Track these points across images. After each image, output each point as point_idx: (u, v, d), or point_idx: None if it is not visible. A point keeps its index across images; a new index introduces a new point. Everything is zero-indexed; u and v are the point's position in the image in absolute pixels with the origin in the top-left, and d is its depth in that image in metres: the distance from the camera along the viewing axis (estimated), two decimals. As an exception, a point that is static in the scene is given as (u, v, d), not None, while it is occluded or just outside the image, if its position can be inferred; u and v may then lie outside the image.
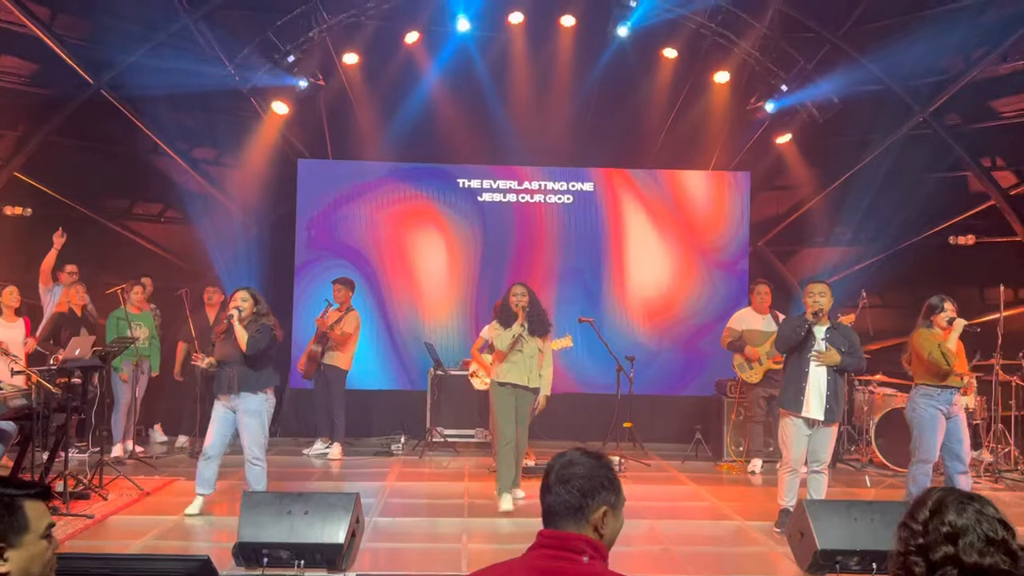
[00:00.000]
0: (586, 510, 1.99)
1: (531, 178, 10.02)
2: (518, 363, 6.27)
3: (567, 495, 2.00)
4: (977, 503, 1.87)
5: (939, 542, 1.84)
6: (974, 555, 1.80)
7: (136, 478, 6.59)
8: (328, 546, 4.30)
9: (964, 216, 9.18)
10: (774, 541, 5.44)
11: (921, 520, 1.89)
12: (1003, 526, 1.84)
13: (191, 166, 9.67)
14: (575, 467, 2.03)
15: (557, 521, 2.00)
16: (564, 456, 2.08)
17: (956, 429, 5.79)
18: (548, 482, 2.04)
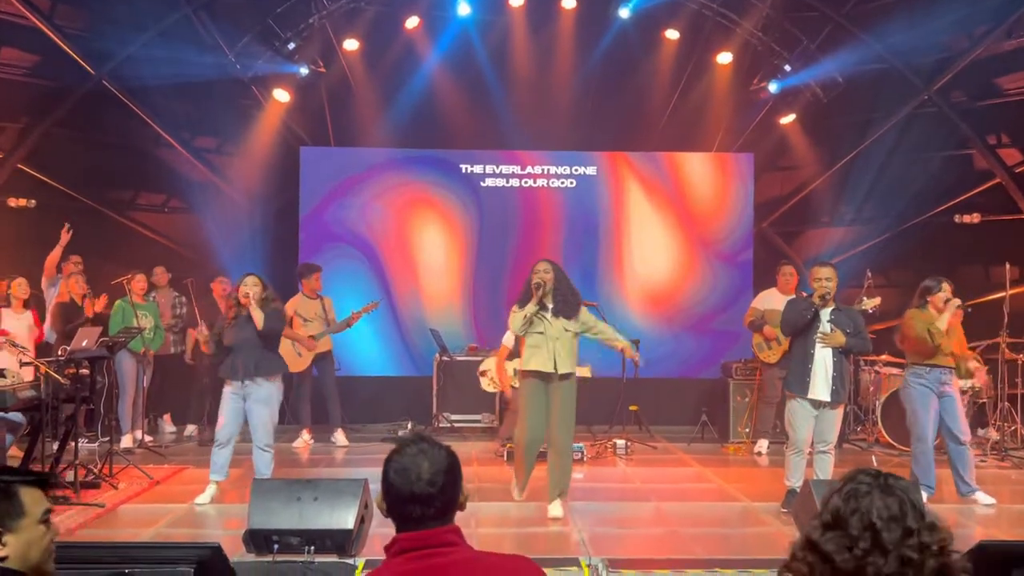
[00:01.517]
0: (450, 506, 1.93)
1: (534, 163, 10.00)
2: (540, 347, 5.56)
3: (443, 496, 1.89)
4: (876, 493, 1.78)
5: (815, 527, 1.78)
6: (830, 546, 1.71)
7: (146, 467, 6.64)
8: (338, 531, 4.33)
9: (969, 194, 9.15)
10: (780, 521, 5.46)
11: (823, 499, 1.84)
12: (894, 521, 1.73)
13: (194, 155, 9.67)
14: (429, 464, 1.89)
15: (423, 523, 1.89)
16: (404, 455, 1.91)
17: (949, 407, 5.81)
18: (408, 492, 1.87)
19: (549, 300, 5.62)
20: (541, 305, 5.58)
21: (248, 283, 5.85)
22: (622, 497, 6.28)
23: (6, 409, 5.65)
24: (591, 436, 8.40)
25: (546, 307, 5.62)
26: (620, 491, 6.51)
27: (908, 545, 1.70)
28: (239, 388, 5.75)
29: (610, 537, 5.15)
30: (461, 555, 1.90)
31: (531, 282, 5.61)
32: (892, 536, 1.70)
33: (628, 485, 6.75)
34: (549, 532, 5.20)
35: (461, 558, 1.89)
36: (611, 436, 8.16)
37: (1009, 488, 6.42)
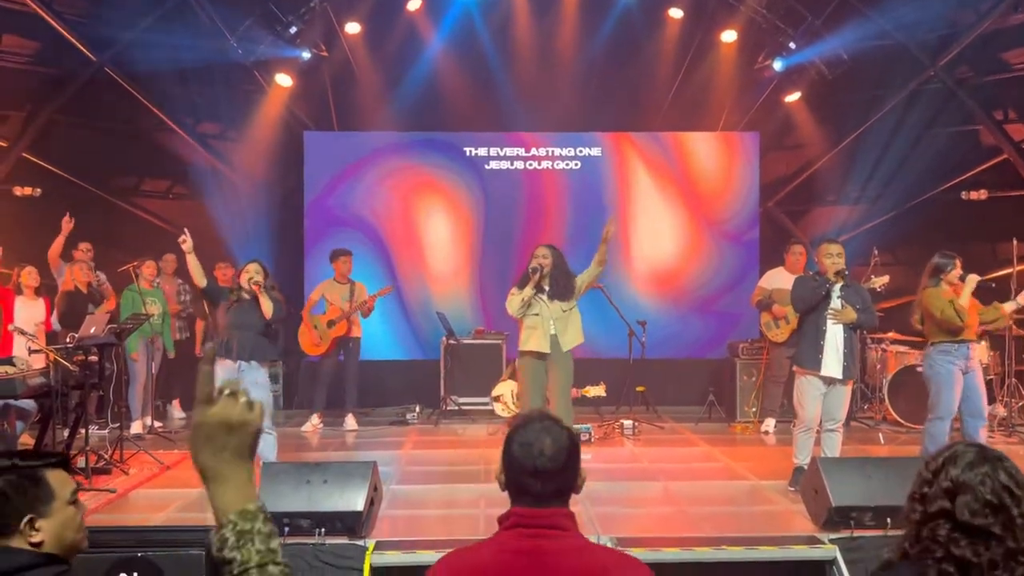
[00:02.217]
0: (570, 486, 1.94)
1: (538, 144, 9.97)
2: (536, 327, 5.99)
3: (565, 475, 1.91)
4: (989, 464, 1.85)
5: (938, 495, 1.85)
6: (966, 513, 1.80)
7: (156, 452, 6.68)
8: (348, 514, 4.36)
9: (976, 171, 9.09)
10: (788, 499, 5.48)
11: (932, 469, 1.90)
12: (1008, 492, 1.82)
13: (197, 141, 9.65)
14: (552, 441, 1.91)
15: (540, 500, 1.90)
16: (528, 430, 1.93)
17: (974, 384, 5.77)
18: (532, 466, 1.89)
19: (546, 283, 6.01)
20: (539, 288, 5.96)
21: (252, 270, 5.87)
22: (630, 477, 6.31)
23: (16, 397, 5.69)
24: (599, 417, 8.43)
25: (543, 290, 6.01)
26: (628, 471, 6.54)
27: None
28: (233, 370, 5.76)
29: (619, 516, 5.18)
30: (572, 543, 1.89)
31: (529, 265, 5.99)
32: (1018, 506, 1.80)
33: (636, 465, 6.77)
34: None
35: (572, 546, 1.88)
36: (618, 417, 8.18)
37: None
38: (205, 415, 1.24)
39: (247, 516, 1.26)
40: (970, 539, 1.79)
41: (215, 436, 1.25)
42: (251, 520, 1.26)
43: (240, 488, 1.27)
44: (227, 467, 1.26)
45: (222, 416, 1.25)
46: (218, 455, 1.26)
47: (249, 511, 1.26)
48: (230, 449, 1.26)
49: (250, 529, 1.26)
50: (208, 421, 1.25)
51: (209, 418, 1.25)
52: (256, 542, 1.25)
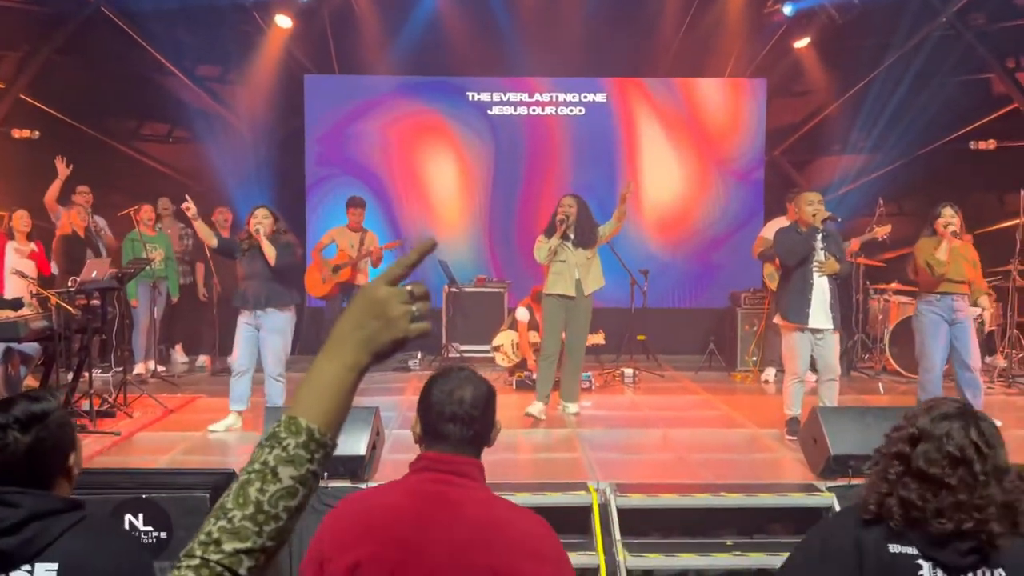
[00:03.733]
0: (484, 437, 1.97)
1: (542, 90, 9.83)
2: (562, 273, 6.27)
3: (481, 423, 1.95)
4: (962, 421, 1.88)
5: (902, 439, 1.91)
6: (920, 461, 1.85)
7: (160, 396, 6.73)
8: (350, 458, 4.41)
9: (986, 120, 8.96)
10: (786, 447, 5.53)
11: (908, 416, 1.94)
12: (976, 449, 1.84)
13: (196, 84, 9.53)
14: (472, 389, 1.96)
15: (455, 447, 1.92)
16: (450, 379, 1.98)
17: (960, 335, 5.73)
18: (451, 412, 1.93)
19: (571, 232, 6.29)
20: (564, 236, 6.25)
21: (259, 215, 5.83)
22: (630, 424, 6.36)
23: (19, 340, 5.71)
24: (599, 365, 8.47)
25: (568, 238, 6.29)
26: (628, 418, 6.58)
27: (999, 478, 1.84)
28: (251, 318, 5.78)
29: (618, 462, 5.22)
30: (477, 494, 1.89)
31: (556, 215, 6.25)
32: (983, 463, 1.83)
33: (636, 413, 6.82)
34: (558, 457, 5.28)
35: (476, 496, 1.88)
36: (619, 365, 8.22)
37: (1015, 414, 6.44)
38: (375, 287, 1.10)
39: (292, 428, 1.06)
40: (919, 484, 1.84)
41: (366, 310, 1.10)
42: (293, 434, 1.05)
43: (326, 389, 1.09)
44: (345, 349, 1.09)
45: (385, 298, 1.09)
46: (351, 331, 1.10)
47: (299, 425, 1.06)
48: (365, 332, 1.09)
49: (282, 442, 1.04)
50: (373, 294, 1.10)
51: (375, 291, 1.10)
52: (271, 463, 1.03)
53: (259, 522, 1.01)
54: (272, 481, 1.02)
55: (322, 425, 1.06)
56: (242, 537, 1.00)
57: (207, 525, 1.01)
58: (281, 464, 1.03)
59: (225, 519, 1.01)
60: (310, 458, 1.05)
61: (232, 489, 1.03)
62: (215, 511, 1.02)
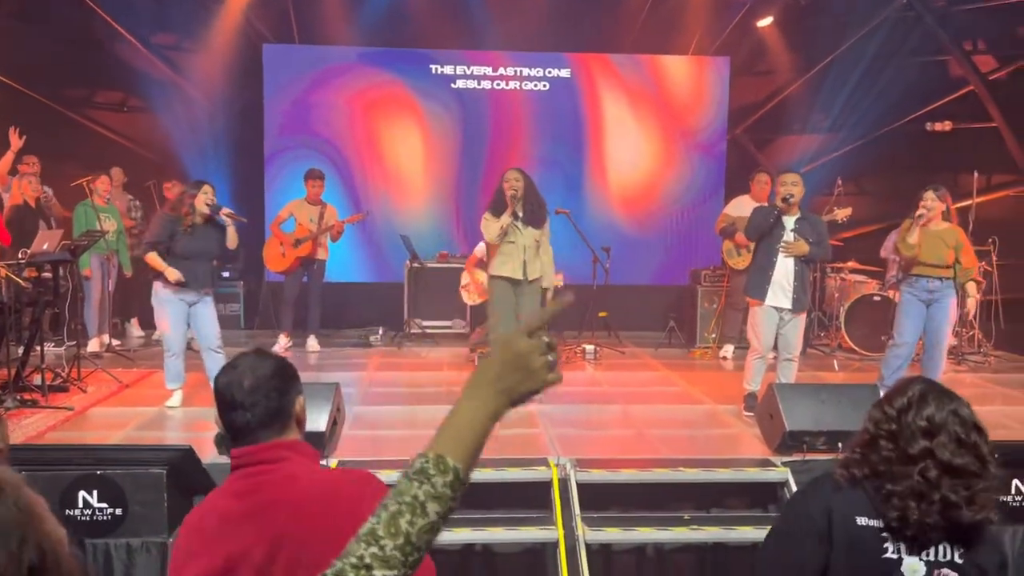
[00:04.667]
0: (288, 410, 1.89)
1: (506, 64, 9.76)
2: (511, 254, 5.94)
3: (266, 402, 1.85)
4: (955, 404, 1.93)
5: (916, 435, 1.90)
6: (946, 453, 1.87)
7: (114, 371, 6.61)
8: (310, 434, 4.33)
9: (942, 102, 9.11)
10: (743, 423, 5.61)
11: (897, 407, 1.95)
12: (976, 430, 1.89)
13: (152, 52, 9.28)
14: (251, 372, 1.87)
15: (253, 435, 1.85)
16: (235, 366, 1.89)
17: (937, 316, 5.79)
18: (231, 399, 1.85)
19: (520, 209, 5.88)
20: (513, 215, 5.84)
21: (210, 192, 5.71)
22: (590, 400, 6.40)
23: (-33, 313, 5.55)
24: (561, 341, 8.50)
25: (517, 216, 5.88)
26: (588, 394, 6.63)
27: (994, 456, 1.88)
28: (192, 296, 5.67)
29: (578, 438, 5.26)
30: (289, 471, 1.82)
31: (503, 191, 5.84)
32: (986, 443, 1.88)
33: (596, 389, 6.87)
34: (518, 433, 5.30)
35: (289, 474, 1.81)
36: (580, 341, 8.26)
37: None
38: (517, 341, 1.16)
39: (441, 466, 1.12)
40: (951, 479, 1.86)
41: (509, 363, 1.17)
42: (441, 473, 1.12)
43: (469, 432, 1.15)
44: (487, 398, 1.17)
45: (527, 351, 1.16)
46: (494, 382, 1.17)
47: (446, 464, 1.12)
48: (507, 383, 1.17)
49: (431, 479, 1.11)
50: (516, 348, 1.16)
51: (517, 345, 1.16)
52: (420, 497, 1.10)
53: (406, 552, 1.09)
54: (421, 515, 1.10)
55: (464, 466, 1.14)
56: (391, 565, 1.08)
57: (358, 548, 1.08)
58: (430, 500, 1.11)
59: (377, 546, 1.08)
60: (453, 496, 1.13)
61: (382, 518, 1.10)
62: (365, 536, 1.09)
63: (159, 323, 5.86)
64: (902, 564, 1.88)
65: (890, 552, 1.88)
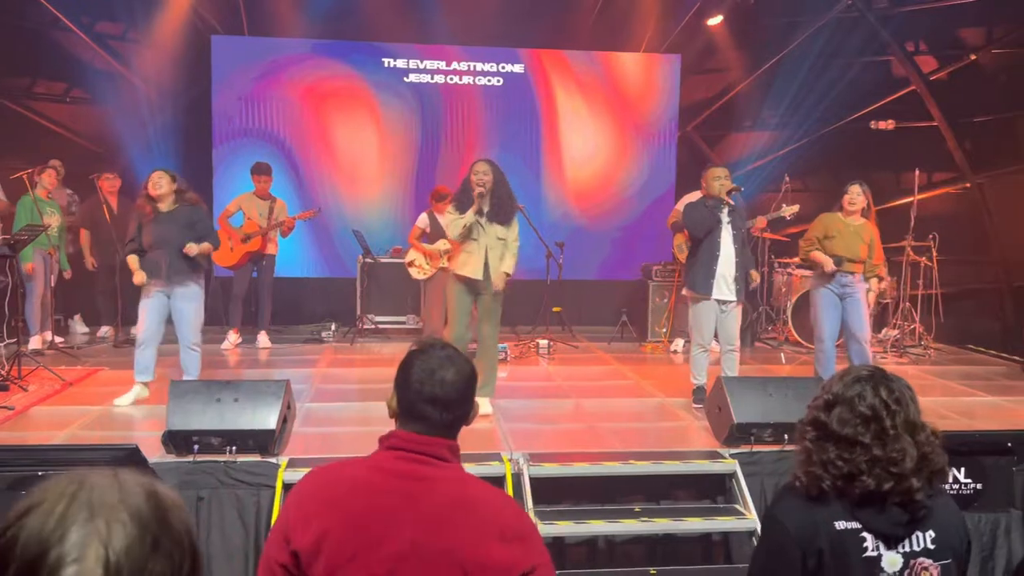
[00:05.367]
0: (462, 420, 1.91)
1: (459, 58, 9.73)
2: (473, 253, 5.48)
3: (463, 404, 1.89)
4: (872, 383, 1.98)
5: (817, 407, 2.01)
6: (835, 422, 1.95)
7: (57, 369, 6.45)
8: (260, 432, 4.33)
9: (885, 101, 9.33)
10: (693, 416, 5.70)
11: (823, 388, 2.04)
12: (886, 408, 1.95)
13: (95, 42, 9.05)
14: (455, 370, 1.87)
15: (432, 429, 1.86)
16: (432, 357, 1.87)
17: (851, 309, 5.98)
18: (431, 393, 1.85)
19: (486, 204, 5.48)
20: (478, 211, 5.45)
21: (154, 179, 5.61)
22: (544, 395, 6.44)
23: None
24: (515, 336, 8.54)
25: (482, 212, 5.47)
26: (542, 389, 6.67)
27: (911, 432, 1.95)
28: (163, 286, 5.58)
29: (531, 432, 5.29)
30: (450, 472, 1.84)
31: (470, 183, 5.45)
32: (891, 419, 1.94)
33: (550, 383, 6.91)
34: (472, 428, 5.28)
35: (449, 475, 1.84)
36: (534, 336, 8.30)
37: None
38: None
39: None
40: (836, 446, 1.94)
41: None
42: None
43: None
44: None
45: None
46: None
47: None
48: None
49: None
50: None
51: None
52: None
53: None
54: None
55: None
56: None
57: None
58: None
59: None
60: None
61: None
62: None
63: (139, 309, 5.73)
64: (882, 560, 1.94)
65: (870, 550, 1.94)
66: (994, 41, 8.87)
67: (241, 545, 4.22)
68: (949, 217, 8.91)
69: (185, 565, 0.98)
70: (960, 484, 4.47)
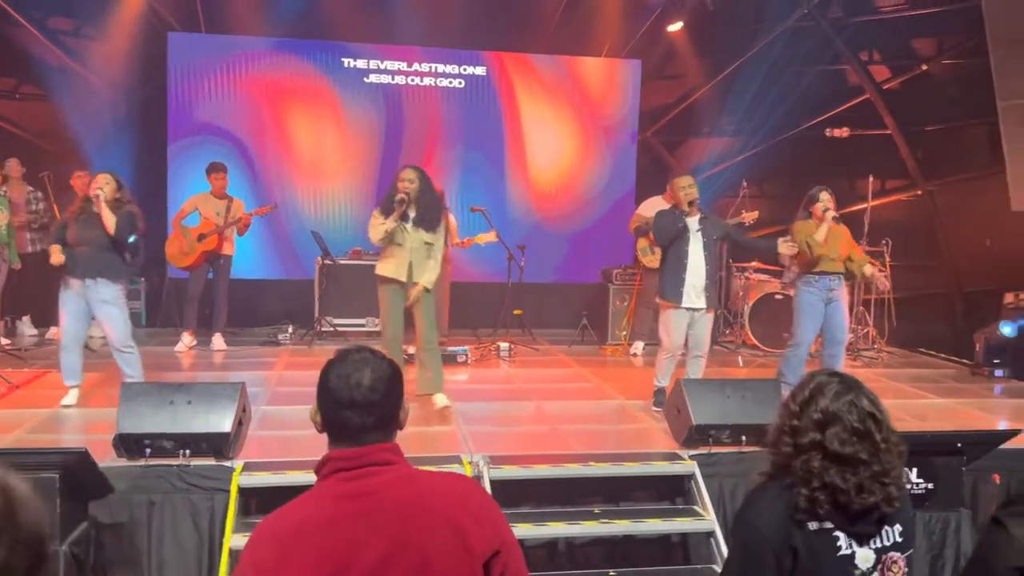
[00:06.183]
0: (392, 420, 1.85)
1: (420, 59, 9.69)
2: (396, 255, 5.68)
3: (386, 404, 1.81)
4: (853, 393, 1.99)
5: (809, 427, 1.97)
6: (835, 443, 1.94)
7: (4, 371, 6.27)
8: (214, 435, 4.25)
9: (841, 109, 9.50)
10: (652, 418, 5.73)
11: (799, 402, 2.02)
12: (872, 418, 1.97)
13: (47, 38, 8.83)
14: (371, 371, 1.81)
15: (361, 437, 1.78)
16: (346, 362, 1.83)
17: (834, 314, 6.00)
18: (347, 398, 1.78)
19: (412, 210, 5.68)
20: (403, 216, 5.65)
21: (100, 180, 5.51)
22: (505, 397, 6.43)
23: None
24: (476, 339, 8.51)
25: (407, 217, 5.67)
26: (502, 391, 6.65)
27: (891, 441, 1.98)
28: (80, 288, 5.45)
29: (492, 435, 5.27)
30: (397, 472, 1.78)
31: (397, 189, 5.64)
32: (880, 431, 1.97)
33: (510, 386, 6.90)
34: (432, 431, 5.27)
35: (396, 476, 1.77)
36: (495, 339, 8.29)
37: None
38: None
39: None
40: (839, 467, 1.93)
41: None
42: None
43: None
44: None
45: None
46: None
47: None
48: None
49: None
50: None
51: None
52: None
53: None
54: None
55: None
56: None
57: None
58: None
59: None
60: None
61: None
62: None
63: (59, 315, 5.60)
64: (856, 557, 1.96)
65: (844, 549, 1.95)
66: (945, 52, 9.10)
67: (195, 550, 4.13)
68: (901, 223, 9.10)
69: (23, 562, 1.02)
70: (912, 484, 4.55)
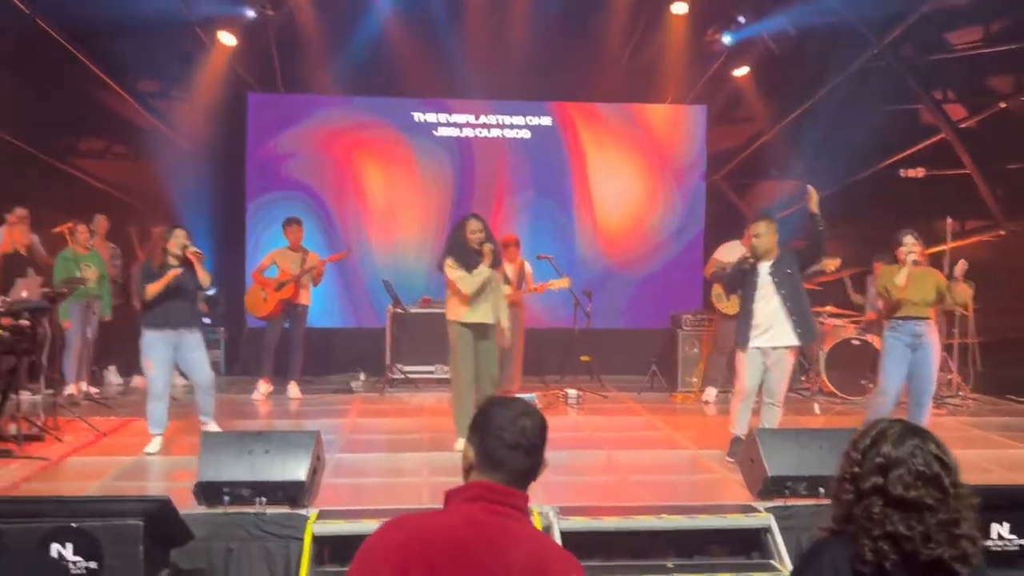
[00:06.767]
0: (537, 470, 1.94)
1: (488, 112, 9.90)
2: (484, 300, 5.88)
3: (539, 455, 1.93)
4: (918, 438, 1.91)
5: (871, 471, 1.89)
6: (899, 487, 1.85)
7: (92, 419, 6.53)
8: (290, 483, 4.33)
9: (915, 149, 9.30)
10: (726, 468, 5.61)
11: (860, 449, 1.95)
12: (939, 462, 1.87)
13: (136, 100, 9.34)
14: (534, 420, 1.94)
15: (511, 478, 1.89)
16: (511, 408, 1.96)
17: (922, 362, 5.78)
18: (526, 442, 1.91)
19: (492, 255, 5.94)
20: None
21: (181, 236, 5.93)
22: (573, 446, 6.38)
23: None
24: (543, 386, 8.49)
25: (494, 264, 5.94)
26: (571, 440, 6.61)
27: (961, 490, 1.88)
28: (173, 337, 5.80)
29: (561, 485, 5.23)
30: (531, 529, 1.89)
31: (468, 241, 5.83)
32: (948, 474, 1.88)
33: (579, 434, 6.85)
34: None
35: (529, 532, 1.87)
36: (563, 386, 8.25)
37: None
38: None
39: None
40: (903, 513, 1.83)
41: None
42: None
43: None
44: None
45: None
46: None
47: None
48: None
49: None
50: None
51: None
52: None
53: None
54: None
55: None
56: None
57: None
58: None
59: None
60: None
61: None
62: None
63: (144, 365, 5.90)
64: None
65: None
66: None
67: (270, 598, 4.18)
68: (983, 265, 8.76)
69: None
70: (1005, 540, 4.33)
